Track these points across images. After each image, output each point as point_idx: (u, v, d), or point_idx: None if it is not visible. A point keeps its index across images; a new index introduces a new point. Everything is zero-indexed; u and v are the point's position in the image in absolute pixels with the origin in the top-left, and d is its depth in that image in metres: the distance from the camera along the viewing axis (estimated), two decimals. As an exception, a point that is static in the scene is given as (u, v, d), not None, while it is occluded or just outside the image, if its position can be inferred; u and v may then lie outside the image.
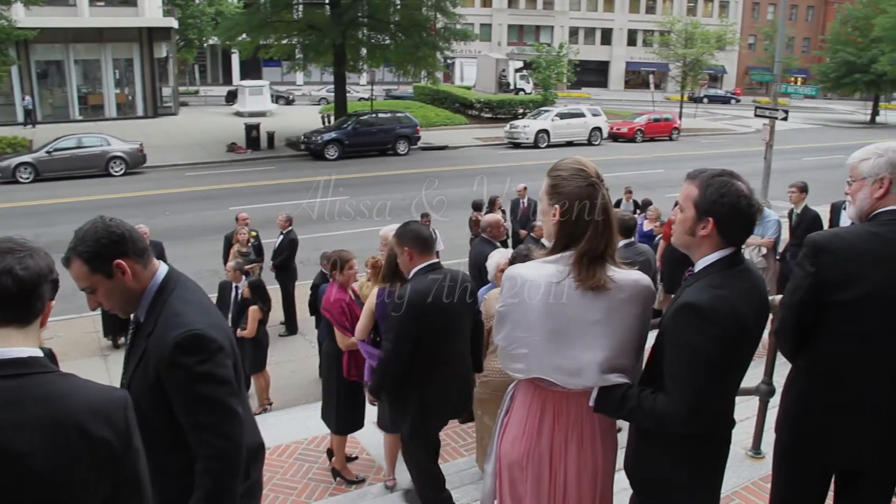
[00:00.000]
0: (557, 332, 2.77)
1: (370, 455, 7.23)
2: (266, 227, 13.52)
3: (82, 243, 2.70)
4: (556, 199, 2.83)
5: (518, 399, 3.04)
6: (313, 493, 6.59)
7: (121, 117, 41.70)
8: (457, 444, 7.33)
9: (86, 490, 1.98)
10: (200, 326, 2.70)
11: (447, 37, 35.77)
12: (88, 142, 28.14)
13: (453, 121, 42.86)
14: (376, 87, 45.22)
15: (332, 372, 6.61)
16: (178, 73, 52.64)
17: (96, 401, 2.03)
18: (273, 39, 35.83)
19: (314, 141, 31.77)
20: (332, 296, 6.44)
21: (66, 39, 39.95)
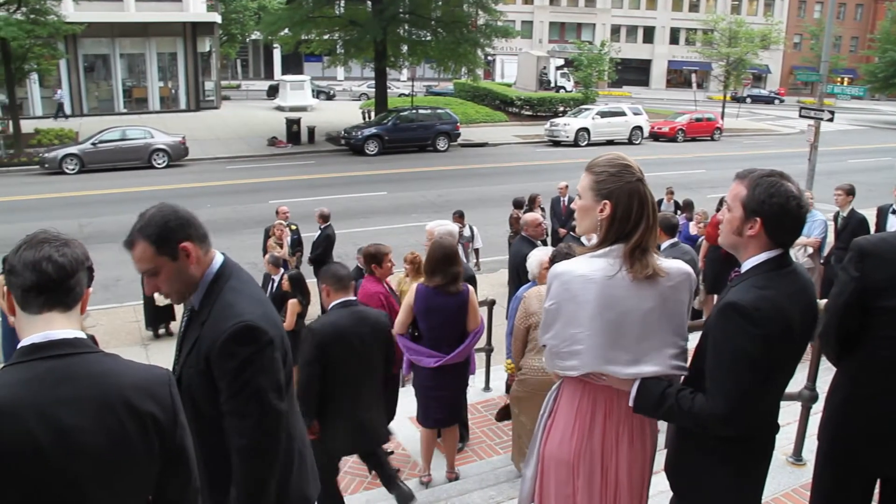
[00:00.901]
0: (614, 323, 2.76)
1: (406, 450, 7.23)
2: (305, 221, 13.59)
3: (149, 225, 2.74)
4: (605, 195, 2.82)
5: (564, 398, 3.01)
6: (349, 487, 6.61)
7: (164, 110, 42.32)
8: (492, 442, 7.31)
9: (136, 464, 2.04)
10: (253, 318, 2.74)
11: (488, 33, 35.63)
12: (132, 134, 28.53)
13: (493, 118, 42.74)
14: (417, 84, 45.25)
15: (369, 368, 6.62)
16: (221, 68, 53.09)
17: (141, 377, 2.09)
18: (314, 35, 35.94)
19: (354, 136, 31.87)
20: (369, 290, 6.45)
21: (112, 34, 40.64)
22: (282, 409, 2.80)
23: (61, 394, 1.95)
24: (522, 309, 5.59)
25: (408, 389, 6.91)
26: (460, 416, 6.66)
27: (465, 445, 7.14)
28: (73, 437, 1.93)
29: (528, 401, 5.67)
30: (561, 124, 36.32)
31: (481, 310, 6.48)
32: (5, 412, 1.89)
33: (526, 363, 5.63)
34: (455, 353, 5.93)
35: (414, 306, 5.89)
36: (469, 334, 6.01)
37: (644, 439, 2.96)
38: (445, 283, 5.80)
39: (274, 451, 2.80)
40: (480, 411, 7.98)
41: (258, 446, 2.75)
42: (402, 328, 6.00)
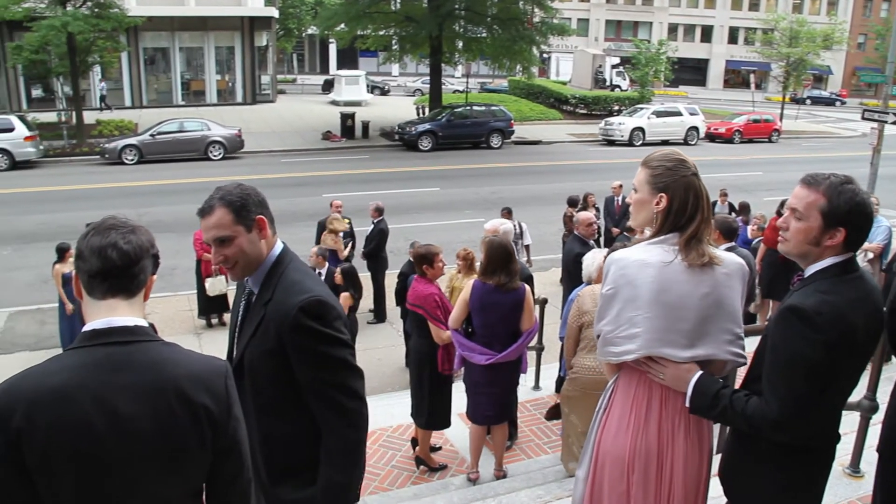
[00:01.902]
0: (671, 307, 2.77)
1: (454, 446, 7.24)
2: (358, 215, 13.67)
3: (230, 194, 2.82)
4: (662, 189, 2.86)
5: (619, 391, 3.00)
6: (396, 481, 6.65)
7: (221, 103, 42.91)
8: (541, 441, 7.29)
9: (188, 455, 2.06)
10: (322, 293, 2.82)
11: (544, 31, 35.42)
12: (190, 126, 28.97)
13: (547, 116, 42.54)
14: (471, 80, 45.22)
15: (422, 368, 6.62)
16: (277, 62, 53.68)
17: (197, 368, 2.10)
18: (370, 30, 36.13)
19: (408, 132, 31.97)
20: (422, 291, 6.45)
21: (172, 28, 41.37)
22: (360, 368, 2.89)
23: (118, 380, 1.98)
24: (576, 307, 5.57)
25: (458, 385, 6.90)
26: (510, 414, 6.65)
27: (513, 444, 7.14)
28: (127, 424, 1.96)
29: (579, 400, 5.65)
30: (616, 123, 36.03)
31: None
32: (63, 395, 1.92)
33: (577, 362, 5.61)
34: (507, 351, 5.93)
35: (469, 302, 5.89)
36: (523, 333, 5.99)
37: (701, 433, 2.93)
38: (503, 280, 5.79)
39: (365, 413, 2.88)
40: (529, 410, 7.96)
41: (347, 409, 2.81)
42: (456, 323, 6.01)
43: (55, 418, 1.91)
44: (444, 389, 6.64)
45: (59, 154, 28.74)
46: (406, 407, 7.04)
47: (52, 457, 1.91)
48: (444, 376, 6.54)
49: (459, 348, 6.07)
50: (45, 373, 1.97)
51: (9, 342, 11.57)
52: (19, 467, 1.91)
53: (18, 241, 17.12)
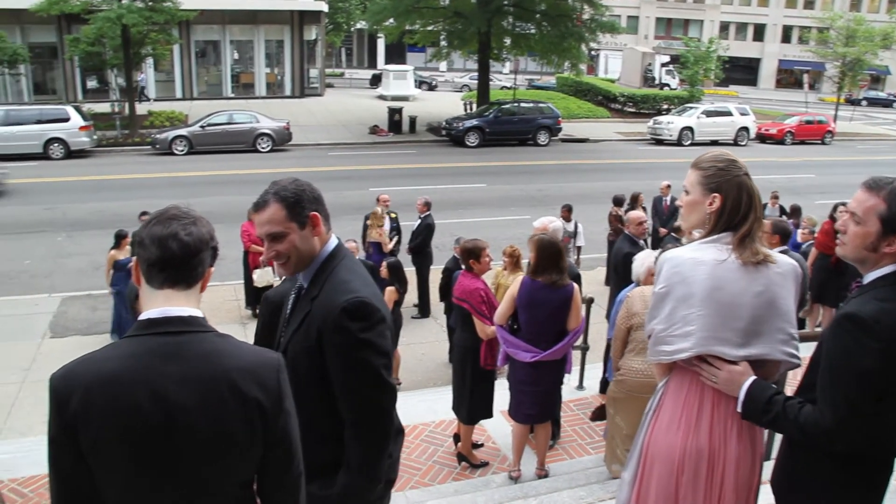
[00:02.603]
0: (724, 305, 2.75)
1: (496, 444, 7.23)
2: (404, 209, 13.69)
3: (286, 190, 2.82)
4: (714, 189, 2.86)
5: (670, 391, 2.96)
6: (437, 476, 6.65)
7: (269, 96, 43.35)
8: (583, 442, 7.25)
9: (237, 447, 2.07)
10: (367, 295, 2.77)
11: (593, 28, 35.15)
12: (239, 118, 29.28)
13: (595, 114, 42.22)
14: (519, 77, 45.07)
15: (465, 363, 6.63)
16: (326, 56, 54.03)
17: (249, 361, 2.11)
18: (419, 25, 36.20)
19: (455, 127, 31.93)
20: (468, 285, 6.45)
21: (223, 21, 41.95)
22: (393, 385, 2.84)
23: (170, 370, 2.00)
24: (625, 309, 5.52)
25: (501, 382, 6.89)
26: (553, 413, 6.63)
27: (556, 443, 7.10)
28: (177, 413, 1.99)
29: (625, 402, 5.60)
30: (664, 122, 35.61)
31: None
32: (116, 382, 1.96)
33: (625, 364, 5.56)
34: (553, 349, 5.90)
35: (517, 298, 5.88)
36: (569, 332, 5.96)
37: (754, 438, 2.89)
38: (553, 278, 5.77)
39: (388, 431, 2.85)
40: (573, 409, 7.92)
41: (372, 420, 2.78)
42: (502, 319, 6.00)
43: (108, 404, 1.94)
44: (485, 384, 6.64)
45: (112, 144, 29.27)
46: (449, 403, 7.06)
47: (104, 441, 1.96)
48: (486, 371, 6.53)
49: (504, 345, 6.05)
50: (102, 359, 2.01)
51: (61, 326, 11.82)
52: (76, 449, 1.96)
53: (72, 227, 17.48)
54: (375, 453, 2.81)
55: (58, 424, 1.97)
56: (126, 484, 2.01)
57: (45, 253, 15.63)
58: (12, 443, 8.00)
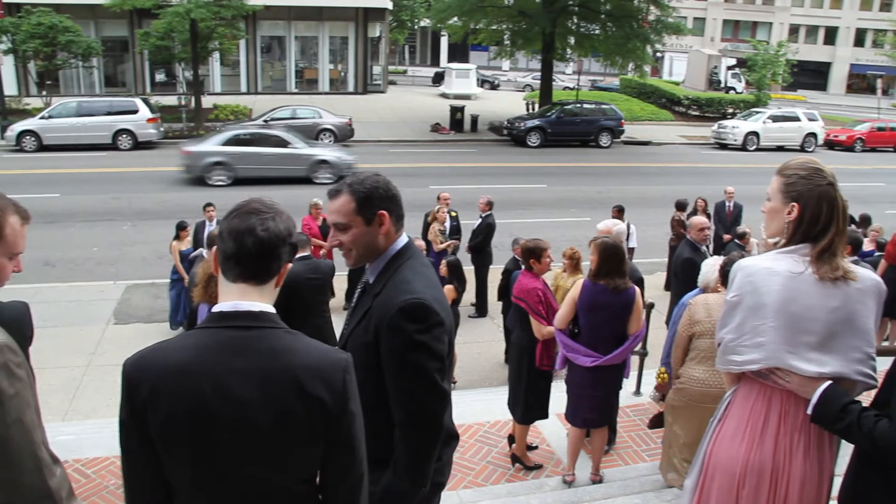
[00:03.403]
0: (798, 318, 2.68)
1: (550, 447, 7.19)
2: (463, 208, 13.68)
3: (360, 184, 2.85)
4: (794, 198, 2.78)
5: (737, 401, 2.90)
6: (490, 476, 6.63)
7: (332, 92, 43.72)
8: (639, 448, 7.16)
9: (298, 445, 2.08)
10: (427, 297, 2.76)
11: (659, 30, 34.77)
12: (302, 113, 29.62)
13: (658, 116, 41.73)
14: (582, 78, 44.75)
15: (521, 362, 6.60)
16: (389, 53, 54.34)
17: (316, 360, 2.10)
18: (483, 24, 36.17)
19: (517, 127, 31.82)
20: (526, 285, 6.41)
21: (288, 17, 42.45)
22: (446, 390, 2.82)
23: (236, 365, 2.01)
24: (687, 316, 5.42)
25: (558, 385, 6.84)
26: (611, 418, 6.56)
27: (611, 448, 7.02)
28: (240, 407, 2.00)
29: (684, 410, 5.52)
30: (729, 126, 34.99)
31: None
32: (184, 373, 1.99)
33: (686, 372, 5.47)
34: (613, 354, 5.84)
35: (578, 302, 5.83)
36: (629, 336, 5.89)
37: (822, 454, 2.79)
38: (616, 282, 5.71)
39: (436, 430, 2.82)
40: (629, 415, 7.82)
41: (421, 424, 2.77)
42: (562, 323, 5.96)
43: (175, 393, 1.97)
44: (541, 384, 6.60)
45: (178, 136, 29.76)
46: (504, 403, 7.03)
47: (170, 429, 1.99)
48: (542, 371, 6.50)
49: (564, 349, 6.01)
50: (173, 349, 2.05)
51: (125, 313, 12.09)
52: (144, 434, 2.01)
53: (137, 217, 17.87)
54: (422, 457, 2.80)
55: (128, 409, 2.02)
56: (190, 472, 2.05)
57: (112, 241, 16.03)
58: (77, 424, 8.19)
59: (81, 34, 32.02)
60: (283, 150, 22.75)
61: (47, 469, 2.28)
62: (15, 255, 2.49)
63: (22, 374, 2.25)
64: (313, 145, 24.39)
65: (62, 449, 2.38)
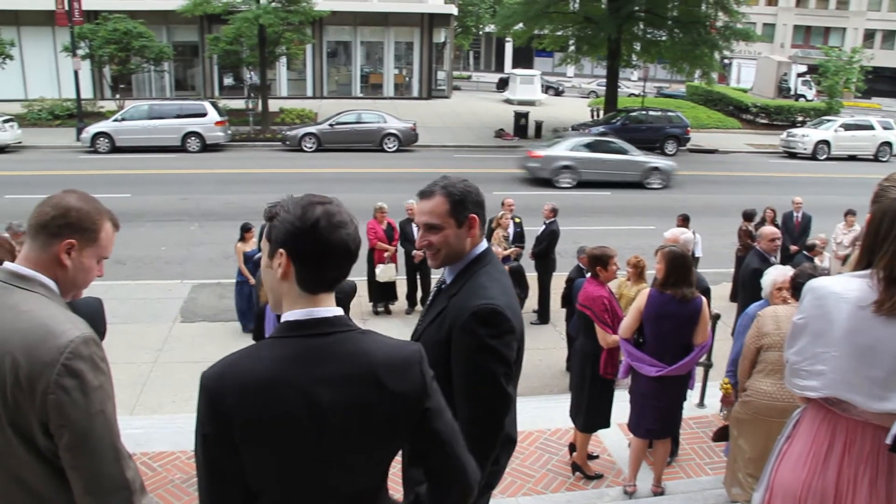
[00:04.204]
0: (864, 349, 2.51)
1: (611, 456, 7.12)
2: (527, 214, 13.63)
3: (454, 186, 2.93)
4: (872, 210, 2.61)
5: (804, 424, 2.80)
6: (550, 484, 6.60)
7: (397, 97, 44.09)
8: (702, 461, 7.05)
9: (382, 441, 2.13)
10: (500, 304, 2.81)
11: (727, 36, 34.23)
12: (367, 118, 29.88)
13: (725, 124, 41.09)
14: (647, 84, 44.31)
15: (584, 370, 6.55)
16: (453, 59, 54.54)
17: (393, 356, 2.14)
18: (548, 30, 36.05)
19: (582, 133, 31.53)
20: (592, 292, 6.37)
21: (354, 22, 43.01)
22: (510, 394, 2.85)
23: (319, 373, 2.03)
24: (755, 328, 5.31)
25: (621, 395, 6.77)
26: (675, 429, 6.47)
27: (673, 460, 6.93)
28: (327, 415, 2.03)
29: (750, 424, 5.40)
30: (799, 135, 34.18)
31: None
32: (268, 386, 2.00)
33: (752, 385, 5.35)
34: (679, 364, 5.77)
35: (644, 311, 5.77)
36: (695, 346, 5.81)
37: (891, 489, 2.63)
38: (684, 292, 5.64)
39: (496, 436, 2.86)
40: (692, 427, 7.70)
41: (482, 427, 2.79)
42: (627, 332, 5.90)
43: (261, 407, 1.99)
44: (604, 393, 6.55)
45: (245, 139, 30.41)
46: (565, 411, 6.99)
47: (256, 442, 2.01)
48: (605, 380, 6.45)
49: (628, 358, 5.96)
50: (252, 362, 2.05)
51: (191, 312, 12.33)
52: (229, 447, 2.02)
53: (204, 218, 18.22)
54: (480, 456, 2.78)
55: (212, 422, 2.02)
56: (276, 480, 2.08)
57: (179, 241, 16.37)
58: (144, 419, 8.37)
59: (154, 39, 32.92)
60: (622, 157, 24.54)
61: (124, 461, 2.37)
62: (102, 259, 2.58)
63: (105, 368, 2.35)
64: (646, 154, 26.13)
65: (130, 442, 2.46)
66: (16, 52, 34.70)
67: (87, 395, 2.25)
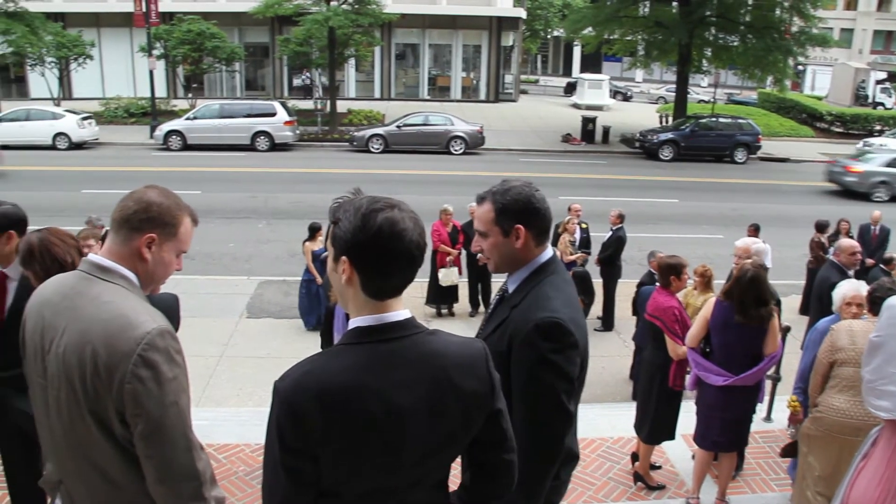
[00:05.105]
0: None
1: (674, 468, 7.00)
2: (593, 220, 13.54)
3: (503, 194, 2.88)
4: None
5: (883, 441, 2.73)
6: (611, 493, 6.52)
7: (464, 100, 44.32)
8: (768, 476, 6.88)
9: (455, 440, 2.16)
10: (564, 317, 2.74)
11: (802, 41, 33.36)
12: (434, 120, 30.08)
13: (798, 132, 40.18)
14: (718, 91, 43.60)
15: (652, 381, 6.46)
16: (521, 62, 54.48)
17: (461, 355, 2.15)
18: (618, 34, 35.74)
19: (649, 140, 31.23)
20: (662, 302, 6.28)
21: (423, 25, 43.31)
22: (571, 412, 2.80)
23: (395, 377, 2.05)
24: (828, 342, 5.17)
25: (687, 406, 6.66)
26: (741, 443, 6.32)
27: (738, 475, 6.78)
28: (405, 418, 2.04)
29: (821, 441, 5.25)
30: (876, 145, 33.15)
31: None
32: (347, 394, 2.01)
33: (824, 401, 5.20)
34: (747, 374, 5.65)
35: (710, 320, 5.67)
36: (765, 357, 5.69)
37: None
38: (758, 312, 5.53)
39: (555, 451, 2.81)
40: (758, 442, 7.53)
41: (539, 444, 2.76)
42: (694, 342, 5.81)
43: (341, 415, 2.00)
44: (671, 405, 6.45)
45: (313, 139, 30.82)
46: (628, 420, 6.91)
47: (336, 448, 2.03)
48: (673, 392, 6.35)
49: (695, 368, 5.86)
50: (328, 370, 2.06)
51: (257, 308, 12.52)
52: (307, 455, 2.03)
53: (272, 216, 18.51)
54: (539, 475, 2.79)
55: (292, 432, 2.02)
56: (353, 480, 2.10)
57: (247, 238, 16.65)
58: (210, 411, 8.51)
59: (226, 40, 33.65)
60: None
61: (196, 452, 2.44)
62: (181, 253, 2.65)
63: (180, 360, 2.42)
64: None
65: (196, 433, 2.53)
66: (95, 52, 35.83)
67: (162, 386, 2.32)
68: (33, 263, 3.77)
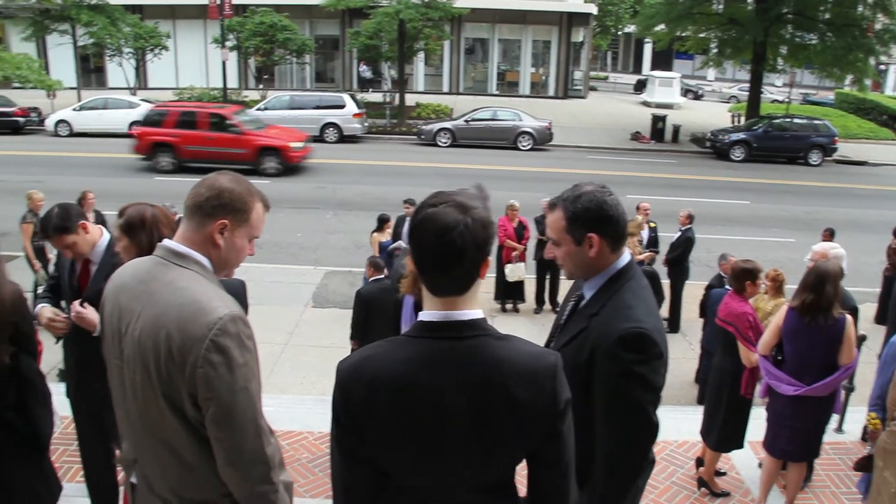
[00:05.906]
0: None
1: (739, 475, 6.88)
2: (662, 220, 13.35)
3: (574, 201, 2.79)
4: None
5: None
6: (674, 498, 6.44)
7: (532, 95, 44.17)
8: (838, 490, 6.70)
9: (503, 449, 2.12)
10: (648, 327, 2.67)
11: (886, 40, 32.18)
12: (502, 115, 30.00)
13: (877, 134, 38.93)
14: (793, 90, 42.59)
15: (721, 388, 6.32)
16: (591, 59, 54.02)
17: (526, 365, 2.09)
18: (690, 32, 35.13)
19: (720, 140, 30.60)
20: (736, 308, 6.14)
21: (492, 19, 43.33)
22: (657, 424, 2.73)
23: (448, 375, 2.04)
24: (893, 351, 5.01)
25: (756, 412, 6.52)
26: (813, 453, 6.16)
27: (807, 486, 6.62)
28: (451, 416, 2.04)
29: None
30: (959, 149, 32.13)
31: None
32: (398, 384, 2.04)
33: (902, 412, 5.05)
34: (819, 384, 5.50)
35: (782, 327, 5.54)
36: (840, 367, 5.53)
37: None
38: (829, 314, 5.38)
39: (640, 464, 2.77)
40: (829, 453, 7.33)
41: (627, 453, 2.71)
42: (765, 349, 5.68)
43: (389, 404, 2.04)
44: (741, 413, 6.31)
45: (380, 132, 31.05)
46: (694, 423, 6.80)
47: (383, 435, 2.06)
48: (744, 400, 6.21)
49: (766, 376, 5.73)
50: (385, 359, 2.09)
51: (323, 297, 12.69)
52: (358, 435, 2.08)
53: (339, 207, 18.72)
54: (622, 486, 2.75)
55: (344, 411, 2.10)
56: (399, 468, 2.12)
57: (315, 228, 16.88)
58: (273, 397, 8.63)
59: (297, 32, 34.13)
60: None
61: (265, 437, 2.49)
62: (253, 239, 2.68)
63: (251, 346, 2.46)
64: None
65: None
66: (170, 43, 36.63)
67: (233, 371, 2.37)
68: (140, 234, 3.88)
